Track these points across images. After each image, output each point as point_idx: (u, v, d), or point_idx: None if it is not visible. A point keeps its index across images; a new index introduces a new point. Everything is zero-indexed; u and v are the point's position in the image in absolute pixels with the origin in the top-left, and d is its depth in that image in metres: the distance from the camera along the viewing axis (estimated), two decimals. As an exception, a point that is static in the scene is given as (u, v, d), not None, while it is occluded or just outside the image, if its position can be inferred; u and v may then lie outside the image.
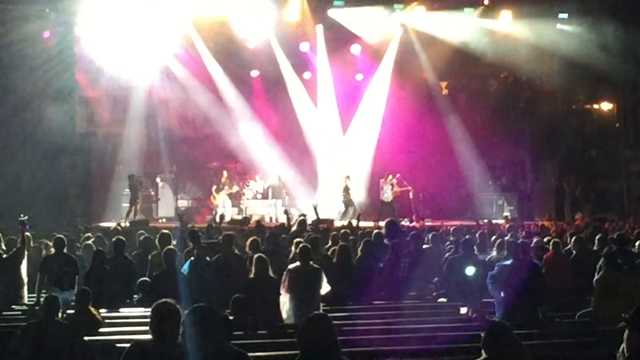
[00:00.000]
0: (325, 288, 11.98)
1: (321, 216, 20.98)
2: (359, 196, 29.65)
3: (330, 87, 31.65)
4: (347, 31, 29.84)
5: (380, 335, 10.51)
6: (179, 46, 28.68)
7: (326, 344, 6.41)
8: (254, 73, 31.76)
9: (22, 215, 14.10)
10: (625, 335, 7.43)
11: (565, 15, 28.80)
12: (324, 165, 31.58)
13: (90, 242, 16.41)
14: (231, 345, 6.72)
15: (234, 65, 30.03)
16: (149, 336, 6.68)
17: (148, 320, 6.78)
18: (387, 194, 28.39)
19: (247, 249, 14.16)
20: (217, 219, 22.86)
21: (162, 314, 6.56)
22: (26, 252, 14.21)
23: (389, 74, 31.49)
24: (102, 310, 11.72)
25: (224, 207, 28.35)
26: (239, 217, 27.17)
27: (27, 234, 14.59)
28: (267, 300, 11.48)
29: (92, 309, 11.05)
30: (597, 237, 15.83)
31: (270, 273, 11.83)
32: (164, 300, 6.68)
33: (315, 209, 20.53)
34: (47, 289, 13.17)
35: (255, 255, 12.05)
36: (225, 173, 29.62)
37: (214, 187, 29.31)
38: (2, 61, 24.58)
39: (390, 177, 28.51)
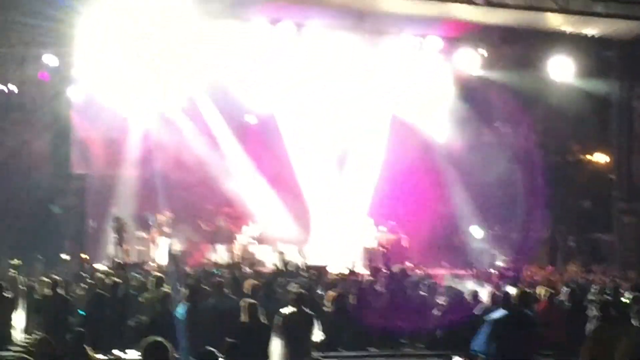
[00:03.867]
0: (318, 335, 11.97)
1: (314, 262, 20.93)
2: (355, 243, 29.59)
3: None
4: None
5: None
6: (177, 92, 28.75)
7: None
8: (249, 117, 31.85)
9: (14, 260, 14.15)
10: None
11: (557, 66, 28.88)
12: (317, 209, 31.52)
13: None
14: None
15: (230, 108, 30.08)
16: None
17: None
18: (370, 240, 28.55)
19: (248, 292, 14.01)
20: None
21: (151, 352, 6.67)
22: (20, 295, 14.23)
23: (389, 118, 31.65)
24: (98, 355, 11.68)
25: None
26: (229, 261, 26.97)
27: (20, 277, 14.62)
28: (259, 345, 11.46)
29: (88, 350, 11.00)
30: (591, 287, 15.90)
31: (262, 318, 11.82)
32: (152, 338, 6.79)
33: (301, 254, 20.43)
34: (43, 330, 13.11)
35: (247, 301, 12.04)
36: (164, 215, 29.28)
37: (153, 229, 29.07)
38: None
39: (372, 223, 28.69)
